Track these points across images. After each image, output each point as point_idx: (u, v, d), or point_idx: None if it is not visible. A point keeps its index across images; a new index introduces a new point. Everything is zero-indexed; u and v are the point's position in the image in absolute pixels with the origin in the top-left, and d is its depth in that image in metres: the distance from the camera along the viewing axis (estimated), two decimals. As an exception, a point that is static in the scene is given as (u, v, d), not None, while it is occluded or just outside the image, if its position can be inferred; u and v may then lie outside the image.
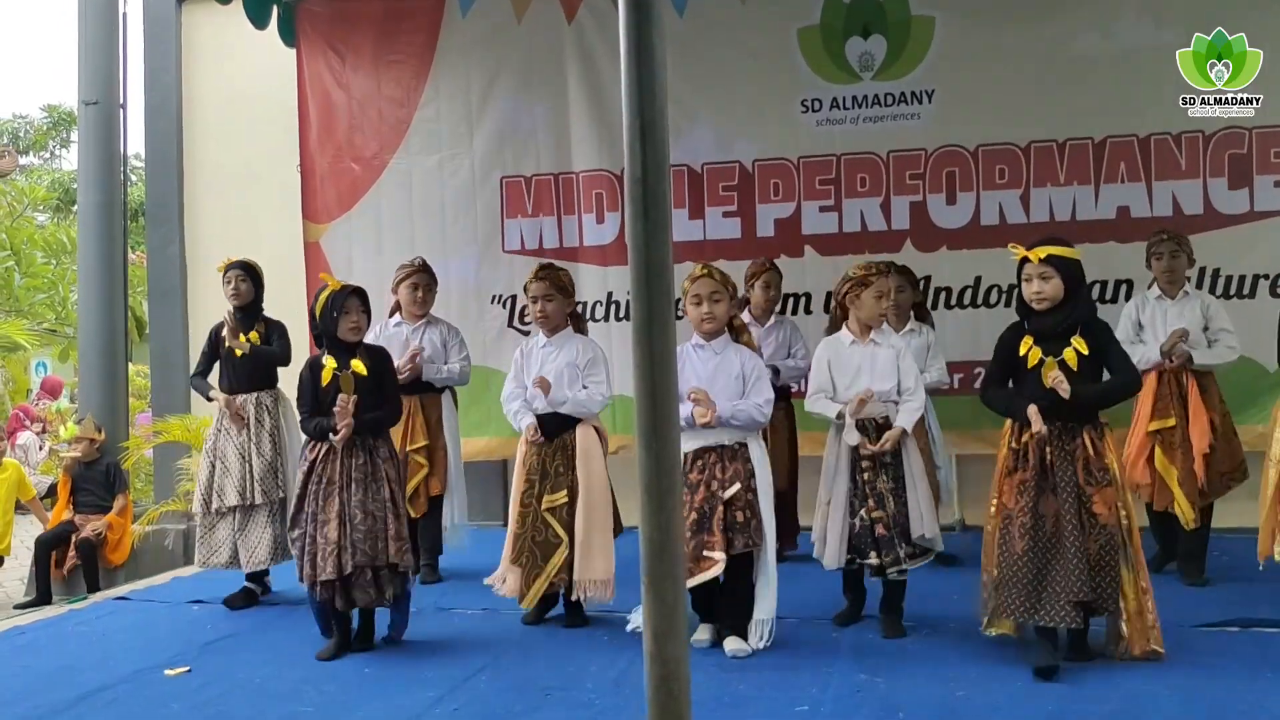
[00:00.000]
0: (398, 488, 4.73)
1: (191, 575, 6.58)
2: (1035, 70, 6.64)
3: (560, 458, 4.88)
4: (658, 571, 1.86)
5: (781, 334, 6.01)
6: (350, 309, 4.68)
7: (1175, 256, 5.46)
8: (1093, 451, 4.08)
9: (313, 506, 4.60)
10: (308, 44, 7.62)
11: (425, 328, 6.04)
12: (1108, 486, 4.06)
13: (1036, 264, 4.11)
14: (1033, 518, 4.07)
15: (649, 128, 1.82)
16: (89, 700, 4.17)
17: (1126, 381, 4.22)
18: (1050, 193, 6.60)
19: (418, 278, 6.05)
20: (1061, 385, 4.02)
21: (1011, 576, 4.08)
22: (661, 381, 1.86)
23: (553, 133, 7.30)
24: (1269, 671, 4.03)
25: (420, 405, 5.92)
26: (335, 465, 4.61)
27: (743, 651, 4.35)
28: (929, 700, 3.83)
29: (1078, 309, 4.13)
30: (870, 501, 4.55)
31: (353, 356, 4.66)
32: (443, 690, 4.14)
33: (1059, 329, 4.11)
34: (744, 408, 4.43)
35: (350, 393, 4.55)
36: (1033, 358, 4.13)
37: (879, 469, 4.57)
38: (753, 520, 4.39)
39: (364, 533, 4.53)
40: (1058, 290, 4.11)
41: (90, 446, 8.28)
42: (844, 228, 6.90)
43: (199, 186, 8.56)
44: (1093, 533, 4.05)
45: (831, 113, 6.90)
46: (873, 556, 4.54)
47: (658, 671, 1.85)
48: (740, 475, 4.42)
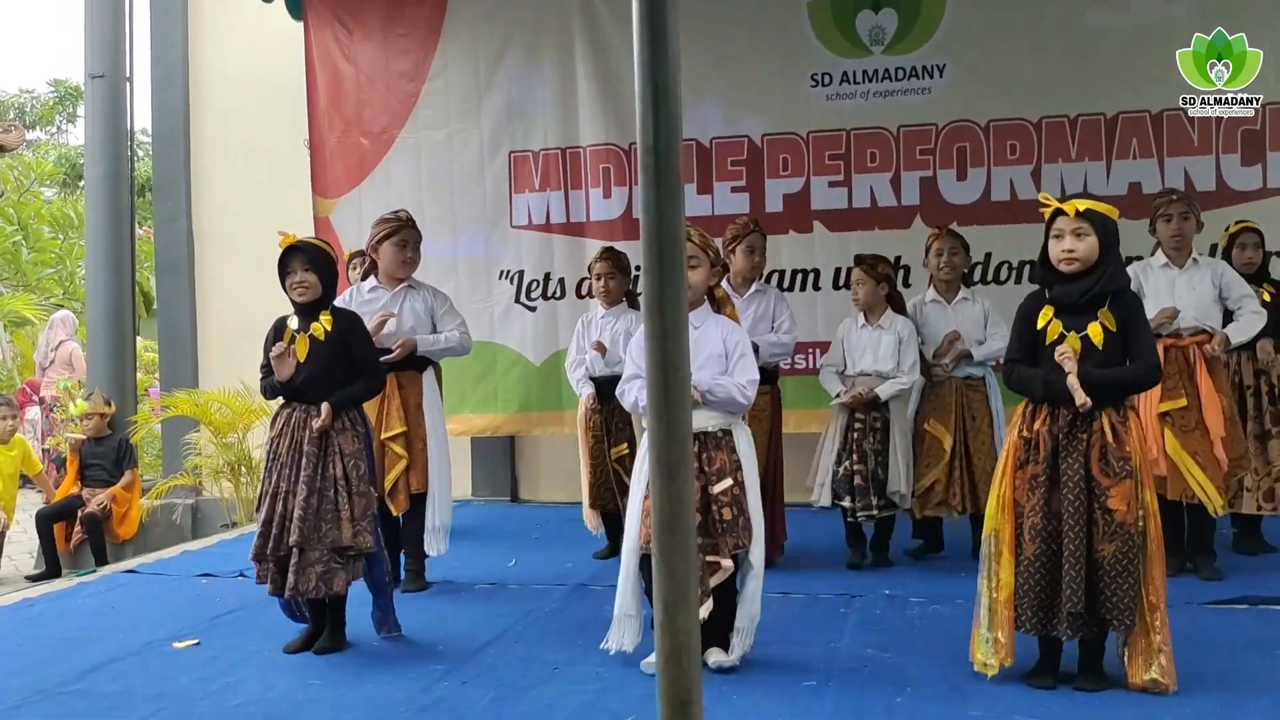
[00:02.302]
0: (357, 461, 4.29)
1: (200, 549, 6.60)
2: (1047, 45, 6.59)
3: (618, 415, 5.48)
4: (669, 544, 1.84)
5: (763, 304, 5.41)
6: (294, 268, 4.29)
7: (1185, 219, 5.03)
8: (1112, 438, 3.53)
9: (268, 483, 4.31)
10: (315, 17, 7.58)
11: (407, 294, 5.27)
12: (1127, 479, 3.52)
13: (1072, 218, 3.56)
14: (1044, 518, 3.59)
15: (662, 95, 1.79)
16: (97, 672, 4.18)
17: (1142, 373, 3.62)
18: (1062, 168, 6.56)
19: (405, 234, 5.21)
20: (1067, 361, 3.54)
21: (1023, 584, 3.61)
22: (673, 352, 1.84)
23: (560, 106, 7.26)
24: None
25: (397, 384, 5.14)
26: (288, 439, 4.28)
27: (727, 663, 3.91)
28: (936, 676, 3.82)
29: (1110, 276, 3.58)
30: (854, 456, 5.32)
31: (315, 319, 4.33)
32: (451, 664, 4.15)
33: (1085, 299, 3.58)
34: (724, 384, 3.93)
35: (301, 356, 4.25)
36: (1052, 331, 3.63)
37: (867, 431, 5.32)
38: (740, 518, 3.90)
39: (304, 511, 4.15)
40: (1091, 250, 3.55)
41: (101, 422, 8.30)
42: (854, 203, 6.86)
43: (206, 161, 8.56)
44: (1107, 532, 3.51)
45: (841, 87, 6.84)
46: (847, 500, 5.33)
47: (668, 644, 1.83)
48: (728, 468, 3.93)
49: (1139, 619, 3.55)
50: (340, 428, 4.30)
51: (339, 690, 3.92)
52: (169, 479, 8.32)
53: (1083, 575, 3.51)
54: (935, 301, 5.51)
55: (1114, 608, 3.52)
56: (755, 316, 5.34)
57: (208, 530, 8.13)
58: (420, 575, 5.30)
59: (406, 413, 5.16)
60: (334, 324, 4.34)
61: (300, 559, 4.16)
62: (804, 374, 6.86)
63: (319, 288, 4.34)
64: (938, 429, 5.34)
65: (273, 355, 4.26)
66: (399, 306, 5.23)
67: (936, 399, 5.39)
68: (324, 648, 4.32)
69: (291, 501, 4.20)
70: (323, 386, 4.30)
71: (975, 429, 5.34)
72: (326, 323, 4.32)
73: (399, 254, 5.21)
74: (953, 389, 5.36)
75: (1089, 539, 3.54)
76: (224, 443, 7.99)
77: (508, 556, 5.99)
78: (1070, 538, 3.54)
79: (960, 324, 5.41)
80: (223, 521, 8.13)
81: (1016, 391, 3.79)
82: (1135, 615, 3.53)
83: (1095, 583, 3.54)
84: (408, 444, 5.16)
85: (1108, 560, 3.51)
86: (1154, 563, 3.56)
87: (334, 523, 4.21)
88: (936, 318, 5.48)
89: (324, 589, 4.21)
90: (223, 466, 8.01)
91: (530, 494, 8.01)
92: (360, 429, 4.40)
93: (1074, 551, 3.53)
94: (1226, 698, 3.55)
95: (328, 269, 4.38)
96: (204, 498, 8.50)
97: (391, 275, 5.27)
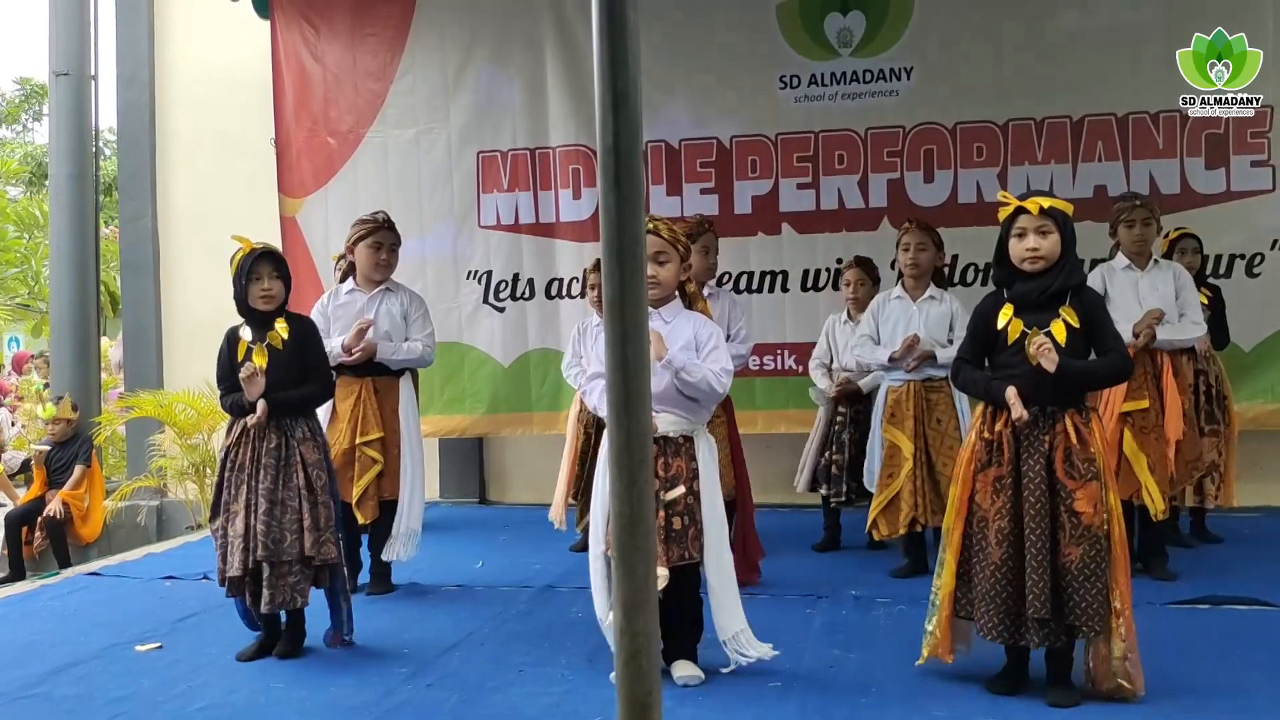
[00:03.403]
0: (319, 472, 4.24)
1: (163, 551, 6.55)
2: (1014, 48, 6.65)
3: None
4: (629, 545, 1.84)
5: (717, 309, 5.05)
6: (261, 274, 4.20)
7: (1147, 224, 5.09)
8: (1076, 440, 3.48)
9: (226, 495, 4.22)
10: (282, 16, 7.53)
11: (384, 296, 5.24)
12: (1092, 481, 3.45)
13: (1035, 215, 3.53)
14: (1011, 521, 3.50)
15: (622, 98, 1.79)
16: (58, 676, 4.13)
17: (1115, 364, 3.59)
18: (1028, 171, 6.61)
19: (381, 235, 5.19)
20: (1049, 355, 3.47)
21: (989, 591, 3.53)
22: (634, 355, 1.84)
23: (529, 107, 7.25)
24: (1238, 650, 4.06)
25: (374, 389, 5.13)
26: (247, 450, 4.20)
27: (694, 679, 3.81)
28: (901, 677, 3.83)
29: (1069, 272, 3.56)
30: (834, 447, 5.74)
31: (270, 328, 4.24)
32: (416, 666, 4.13)
33: (1045, 297, 3.56)
34: (699, 364, 3.77)
35: (262, 365, 4.18)
36: (1013, 330, 3.58)
37: (848, 424, 5.71)
38: (690, 529, 3.76)
39: (268, 524, 4.10)
40: (1055, 248, 3.53)
41: (67, 427, 8.22)
42: (821, 205, 6.89)
43: (172, 159, 8.49)
44: (1074, 536, 3.44)
45: (810, 89, 6.87)
46: (824, 488, 5.78)
47: (628, 646, 1.84)
48: (684, 475, 3.80)
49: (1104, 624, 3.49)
50: (301, 436, 4.24)
51: (302, 693, 3.89)
52: (133, 480, 8.25)
53: (1048, 581, 3.43)
54: (900, 298, 5.30)
55: (1082, 614, 3.43)
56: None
57: (173, 532, 8.07)
58: (386, 578, 5.26)
59: (383, 417, 5.13)
60: (290, 331, 4.27)
61: (272, 572, 4.11)
62: (773, 375, 6.88)
63: (283, 296, 4.28)
64: (895, 434, 5.16)
65: (243, 377, 4.17)
66: (375, 309, 5.18)
67: (894, 403, 5.21)
68: (285, 651, 4.27)
69: (254, 515, 4.13)
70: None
71: (939, 433, 5.13)
72: (283, 330, 4.25)
73: (373, 256, 5.18)
74: (911, 392, 5.16)
75: (1054, 543, 3.46)
76: (189, 444, 7.94)
77: (475, 558, 5.97)
78: (1033, 541, 3.46)
79: (923, 323, 5.18)
80: (188, 523, 8.07)
81: (961, 391, 3.80)
82: (1104, 621, 3.45)
83: (1062, 588, 3.46)
84: (383, 449, 5.11)
85: (1075, 565, 3.43)
86: (1119, 566, 3.49)
87: (297, 533, 4.15)
88: (897, 315, 5.25)
89: (298, 600, 4.19)
90: (188, 468, 7.95)
91: (498, 495, 8.00)
92: (320, 438, 4.35)
93: (1037, 556, 3.44)
94: (1190, 700, 3.57)
95: (289, 277, 4.35)
96: (169, 499, 8.44)
97: (367, 277, 5.23)
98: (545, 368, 7.26)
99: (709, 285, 5.20)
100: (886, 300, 5.36)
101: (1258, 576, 5.00)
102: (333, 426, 5.05)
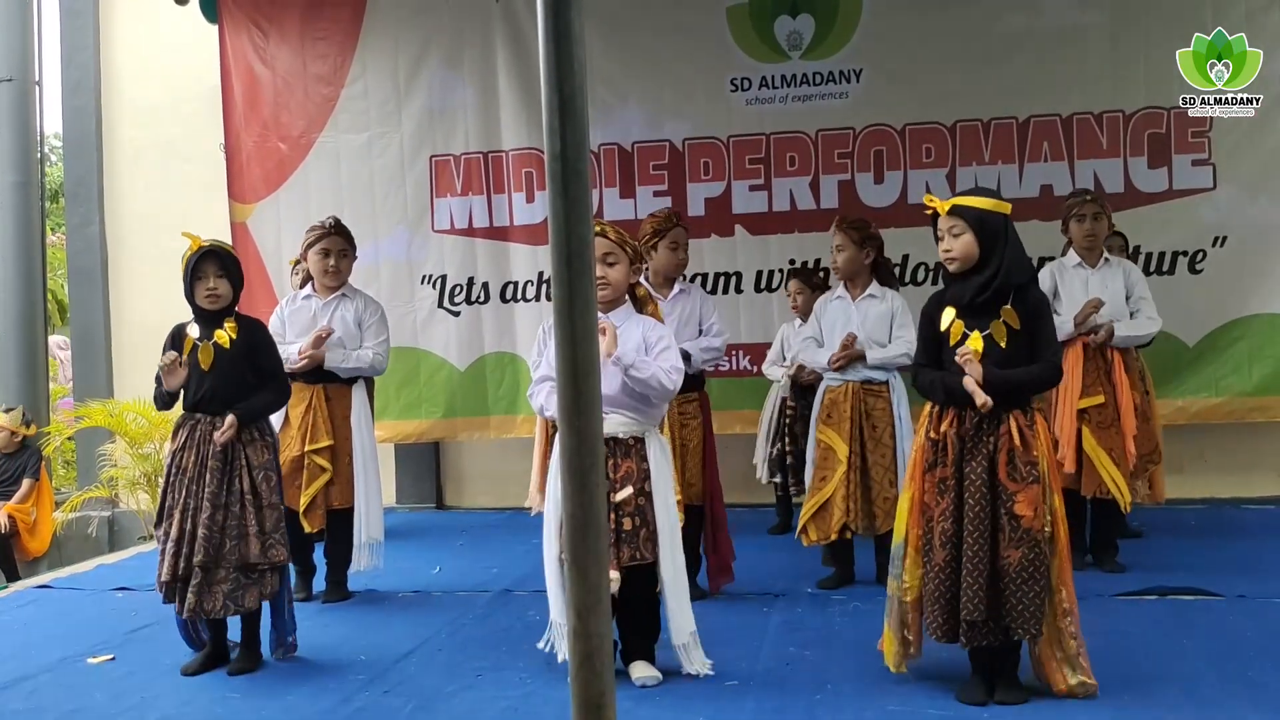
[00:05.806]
0: (268, 473, 4.16)
1: (115, 562, 6.47)
2: (962, 50, 6.72)
3: None
4: (581, 549, 1.86)
5: (689, 305, 4.95)
6: (205, 273, 4.12)
7: (1098, 219, 5.11)
8: (1019, 441, 3.43)
9: (170, 500, 4.13)
10: (230, 20, 7.45)
11: (339, 303, 5.18)
12: (1034, 484, 3.42)
13: (945, 216, 3.51)
14: (954, 523, 3.47)
15: (568, 103, 1.80)
16: (8, 690, 4.07)
17: (1043, 374, 3.53)
18: (976, 171, 6.69)
19: (329, 242, 5.12)
20: (971, 365, 3.43)
21: (933, 591, 3.51)
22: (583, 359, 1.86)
23: (482, 111, 7.24)
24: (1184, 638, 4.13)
25: (325, 397, 5.07)
26: (192, 454, 4.10)
27: (652, 679, 3.81)
28: (856, 673, 3.86)
29: (1005, 271, 3.46)
30: (786, 438, 6.04)
31: (218, 326, 4.15)
32: (373, 673, 4.11)
33: (982, 297, 3.48)
34: (648, 361, 3.75)
35: (207, 366, 4.09)
36: (955, 332, 3.52)
37: (797, 418, 5.86)
38: (642, 530, 3.76)
39: (209, 529, 4.00)
40: (968, 248, 3.47)
41: (14, 438, 8.07)
42: (774, 207, 6.93)
43: (120, 166, 8.39)
44: (1013, 539, 3.40)
45: (761, 91, 6.91)
46: (777, 476, 6.17)
47: (581, 648, 1.86)
48: (634, 475, 3.79)
49: (1050, 626, 3.48)
50: (248, 438, 4.16)
51: (258, 703, 3.87)
52: (84, 491, 8.14)
53: (984, 582, 3.40)
54: (840, 298, 5.09)
55: (1018, 616, 3.40)
56: (681, 319, 4.86)
57: (125, 543, 7.97)
58: (342, 585, 5.21)
59: (334, 425, 5.07)
60: (239, 332, 4.18)
61: (204, 578, 4.01)
62: (728, 376, 6.91)
63: (230, 295, 4.21)
64: (830, 435, 4.92)
65: (162, 364, 4.08)
66: (329, 315, 5.13)
67: (831, 403, 4.98)
68: (239, 668, 4.17)
69: (197, 519, 4.04)
70: (228, 397, 4.15)
71: (874, 439, 4.89)
72: (231, 330, 4.17)
73: (322, 262, 5.14)
74: (849, 393, 4.92)
75: (993, 545, 3.43)
76: (140, 453, 7.84)
77: (432, 563, 5.95)
78: (971, 543, 3.43)
79: (861, 322, 4.95)
80: (140, 534, 7.97)
81: (924, 396, 3.69)
82: (1040, 624, 3.42)
83: (999, 590, 3.43)
84: (333, 457, 5.06)
85: (1013, 567, 3.39)
86: (1063, 569, 3.49)
87: (240, 539, 4.06)
88: (836, 314, 5.05)
89: (233, 607, 4.08)
90: (139, 478, 7.86)
91: (455, 500, 7.96)
92: (269, 439, 4.28)
93: (974, 558, 3.42)
94: (1140, 689, 3.62)
95: (239, 277, 4.27)
96: (120, 510, 8.33)
97: (320, 283, 5.20)
98: (501, 371, 7.25)
99: (679, 281, 5.04)
100: (828, 300, 5.19)
101: (1202, 567, 5.10)
102: (284, 433, 5.00)
